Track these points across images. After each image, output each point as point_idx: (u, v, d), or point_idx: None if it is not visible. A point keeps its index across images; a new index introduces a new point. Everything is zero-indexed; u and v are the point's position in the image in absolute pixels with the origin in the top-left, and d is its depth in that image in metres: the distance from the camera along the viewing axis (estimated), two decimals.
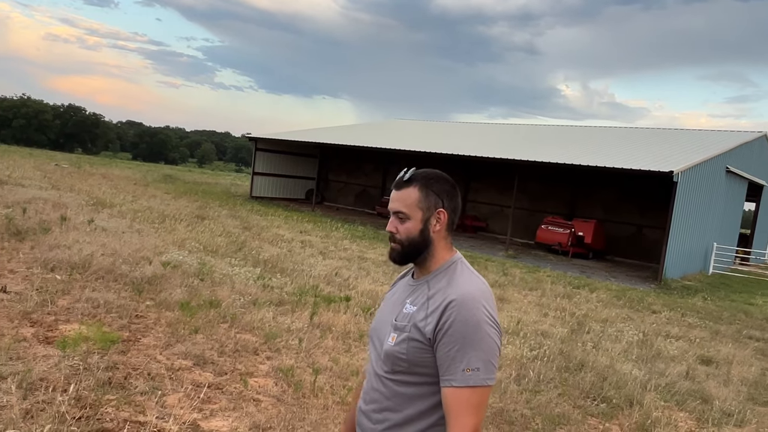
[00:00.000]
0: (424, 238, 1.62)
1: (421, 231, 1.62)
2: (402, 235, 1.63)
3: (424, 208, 1.62)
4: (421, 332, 1.53)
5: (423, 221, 1.62)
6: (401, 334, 1.56)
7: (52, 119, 75.50)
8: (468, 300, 1.50)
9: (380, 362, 1.62)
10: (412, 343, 1.54)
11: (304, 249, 11.91)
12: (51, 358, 4.26)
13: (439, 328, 1.50)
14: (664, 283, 14.73)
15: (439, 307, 1.52)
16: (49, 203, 12.11)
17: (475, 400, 1.46)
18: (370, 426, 1.63)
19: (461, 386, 1.46)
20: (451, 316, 1.49)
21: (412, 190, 1.63)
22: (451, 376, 1.47)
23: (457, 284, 1.56)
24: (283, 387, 4.51)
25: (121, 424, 3.48)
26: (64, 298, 5.83)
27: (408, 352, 1.54)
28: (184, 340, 5.13)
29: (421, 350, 1.53)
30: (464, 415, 1.45)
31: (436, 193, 1.63)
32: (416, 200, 1.62)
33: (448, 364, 1.48)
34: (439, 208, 1.63)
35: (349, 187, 29.38)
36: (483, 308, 1.50)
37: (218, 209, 17.28)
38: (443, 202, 1.64)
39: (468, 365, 1.46)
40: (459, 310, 1.49)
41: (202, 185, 28.60)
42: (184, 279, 7.26)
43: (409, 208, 1.62)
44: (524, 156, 17.90)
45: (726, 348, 8.04)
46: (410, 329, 1.55)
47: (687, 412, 5.32)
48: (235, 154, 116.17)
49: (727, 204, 20.19)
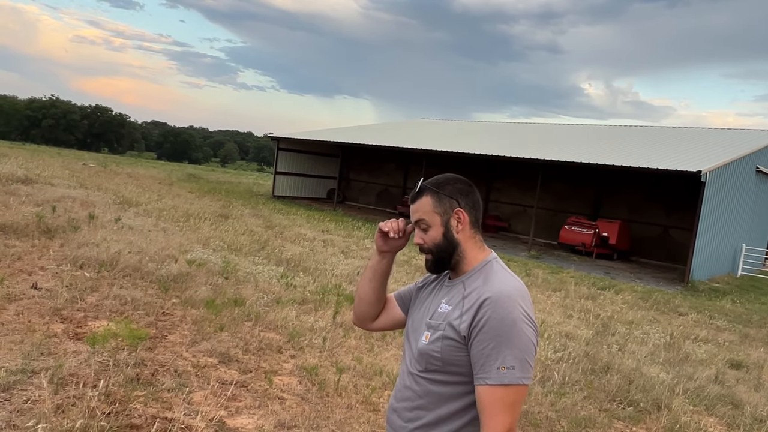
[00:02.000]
0: (450, 241, 1.63)
1: (444, 234, 1.63)
2: (429, 244, 1.65)
3: (440, 212, 1.63)
4: (456, 330, 1.52)
5: (444, 225, 1.63)
6: (435, 332, 1.56)
7: (80, 119, 77.05)
8: (504, 298, 1.49)
9: (414, 360, 1.62)
10: (446, 341, 1.53)
11: (326, 248, 11.95)
12: (81, 353, 4.34)
13: (474, 325, 1.48)
14: (691, 285, 14.44)
15: (474, 305, 1.51)
16: (77, 202, 12.35)
17: (510, 399, 1.44)
18: (400, 423, 1.63)
19: (496, 384, 1.44)
20: (486, 313, 1.47)
21: (425, 199, 1.66)
22: (485, 374, 1.46)
23: (492, 283, 1.55)
24: (307, 386, 4.53)
25: (149, 420, 3.53)
26: (93, 295, 5.93)
27: (442, 351, 1.53)
28: (210, 338, 5.19)
29: (455, 349, 1.52)
30: (498, 414, 1.43)
31: (449, 195, 1.65)
32: (431, 206, 1.64)
33: (483, 362, 1.46)
34: (456, 208, 1.64)
35: (371, 186, 29.41)
36: (519, 306, 1.49)
37: (241, 208, 17.44)
38: (458, 201, 1.64)
39: (503, 363, 1.44)
40: (494, 307, 1.47)
41: (225, 184, 28.91)
42: (209, 277, 7.34)
43: (427, 215, 1.64)
44: (547, 155, 17.71)
45: (756, 352, 7.86)
46: (444, 327, 1.54)
47: (717, 417, 5.21)
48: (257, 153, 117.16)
49: (756, 204, 19.74)
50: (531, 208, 20.40)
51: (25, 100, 77.12)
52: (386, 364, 5.22)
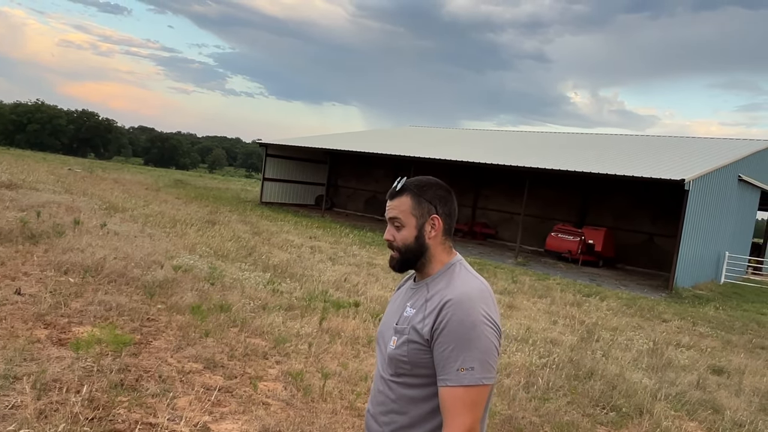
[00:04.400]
0: (420, 245, 1.64)
1: (416, 237, 1.64)
2: (399, 243, 1.66)
3: (417, 215, 1.64)
4: (419, 333, 1.54)
5: (417, 228, 1.64)
6: (401, 336, 1.58)
7: (66, 124, 76.44)
8: (464, 300, 1.51)
9: (385, 365, 1.65)
10: (411, 345, 1.55)
11: (314, 254, 11.95)
12: (64, 359, 4.31)
13: (435, 328, 1.50)
14: (675, 292, 14.61)
15: (436, 308, 1.53)
16: (62, 207, 12.25)
17: (470, 399, 1.45)
18: (377, 428, 1.65)
19: (455, 386, 1.46)
20: (447, 315, 1.49)
21: (404, 198, 1.66)
22: (446, 375, 1.48)
23: (455, 285, 1.57)
24: (292, 391, 4.53)
25: (132, 425, 3.52)
26: (77, 300, 5.89)
27: (409, 354, 1.55)
28: (195, 344, 5.18)
29: (420, 351, 1.54)
30: (459, 414, 1.45)
31: (429, 200, 1.65)
32: (409, 208, 1.64)
33: (443, 363, 1.48)
34: (432, 214, 1.65)
35: (359, 193, 29.45)
36: (480, 308, 1.50)
37: (228, 214, 17.38)
38: (436, 208, 1.66)
39: (462, 365, 1.46)
40: (455, 310, 1.49)
41: (212, 190, 28.80)
42: (195, 283, 7.32)
43: (403, 215, 1.65)
44: (535, 163, 17.87)
45: (738, 358, 7.97)
46: (409, 331, 1.56)
47: (698, 421, 5.29)
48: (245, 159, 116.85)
49: (739, 213, 20.04)
50: (518, 215, 20.54)
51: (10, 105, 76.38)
52: (371, 369, 5.24)
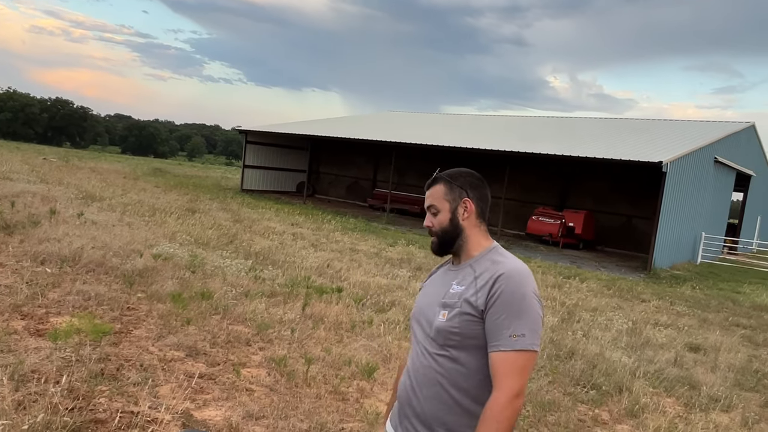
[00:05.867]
0: (455, 226, 1.78)
1: (451, 220, 1.78)
2: (436, 227, 1.80)
3: (450, 200, 1.79)
4: (473, 306, 1.64)
5: (451, 211, 1.79)
6: (452, 310, 1.67)
7: (39, 113, 74.76)
8: (515, 274, 1.64)
9: (429, 340, 1.72)
10: (464, 316, 1.65)
11: (296, 241, 11.91)
12: (42, 350, 4.25)
13: (489, 298, 1.61)
14: (653, 273, 14.87)
15: (489, 281, 1.64)
16: (37, 197, 12.02)
17: (520, 364, 1.56)
18: (422, 402, 1.71)
19: (507, 350, 1.56)
20: (500, 287, 1.61)
21: (438, 186, 1.82)
22: (498, 341, 1.58)
23: (503, 263, 1.69)
24: (275, 377, 4.53)
25: (113, 414, 3.49)
26: (55, 291, 5.80)
27: (461, 326, 1.65)
28: (176, 332, 5.14)
29: (472, 322, 1.64)
30: (509, 377, 1.55)
31: (460, 186, 1.80)
32: (442, 194, 1.80)
33: (496, 330, 1.59)
34: (464, 198, 1.79)
35: (341, 179, 29.35)
36: (529, 282, 1.65)
37: (209, 202, 17.21)
38: (467, 192, 1.80)
39: (514, 332, 1.57)
40: (507, 282, 1.61)
41: (192, 178, 28.47)
42: (176, 271, 7.25)
43: (437, 201, 1.80)
44: (515, 147, 17.95)
45: (713, 335, 8.15)
46: (461, 304, 1.66)
47: (675, 397, 5.40)
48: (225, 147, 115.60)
49: (715, 194, 20.39)
50: (499, 199, 20.64)
51: None
52: (355, 354, 5.25)
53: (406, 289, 8.46)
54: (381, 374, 4.86)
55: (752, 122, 22.77)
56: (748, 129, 22.46)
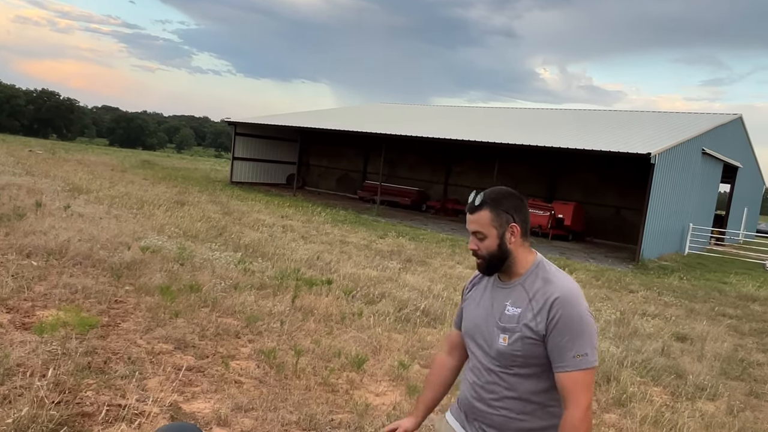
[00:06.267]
0: (503, 251, 1.83)
1: (499, 245, 1.83)
2: (483, 251, 1.85)
3: (497, 226, 1.82)
4: (533, 330, 1.74)
5: (499, 237, 1.82)
6: (513, 334, 1.77)
7: (25, 104, 73.84)
8: (569, 297, 1.74)
9: (490, 359, 1.84)
10: (525, 340, 1.75)
11: (286, 233, 11.87)
12: (28, 343, 4.20)
13: (549, 322, 1.72)
14: (641, 264, 14.99)
15: (545, 306, 1.74)
16: (23, 189, 11.88)
17: (587, 381, 1.70)
18: (495, 413, 1.84)
19: (574, 370, 1.70)
20: (558, 312, 1.71)
21: (484, 212, 1.83)
22: (563, 362, 1.71)
23: (554, 283, 1.78)
24: (265, 369, 4.51)
25: (101, 407, 3.46)
26: (41, 284, 5.74)
27: (523, 349, 1.76)
28: (165, 325, 5.10)
29: (534, 345, 1.75)
30: (580, 394, 1.69)
31: (506, 211, 1.83)
32: (489, 220, 1.82)
33: (560, 352, 1.71)
34: (511, 223, 1.83)
35: (331, 171, 29.27)
36: (582, 302, 1.75)
37: (198, 195, 17.11)
38: (514, 217, 1.83)
39: (577, 352, 1.69)
40: (564, 306, 1.72)
41: (181, 171, 28.27)
42: (164, 264, 7.20)
43: (484, 228, 1.83)
44: (505, 139, 17.97)
45: (700, 325, 8.24)
46: (521, 329, 1.76)
47: (662, 386, 5.46)
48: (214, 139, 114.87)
49: (702, 185, 20.56)
50: None
51: None
52: (345, 346, 5.25)
53: (396, 280, 8.46)
54: (371, 365, 4.87)
55: (739, 114, 22.95)
56: (736, 121, 22.64)
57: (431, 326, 6.38)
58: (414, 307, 6.83)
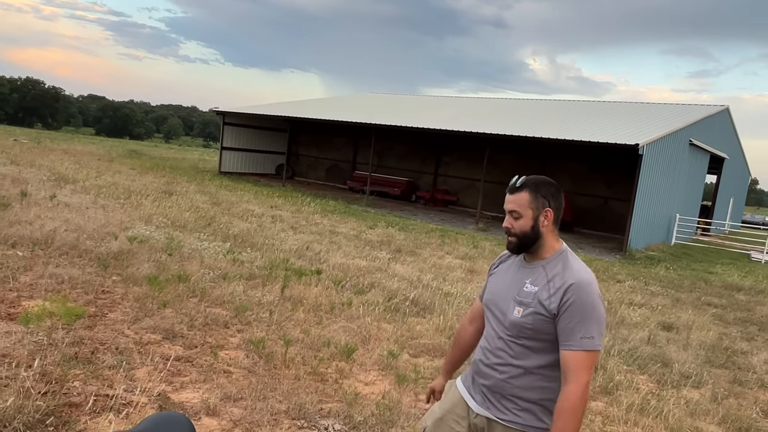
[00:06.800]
0: (535, 232, 1.99)
1: (532, 227, 1.98)
2: (516, 230, 2.00)
3: (534, 208, 1.98)
4: (546, 308, 1.90)
5: (533, 219, 1.98)
6: (527, 308, 1.94)
7: (9, 93, 72.75)
8: (584, 284, 1.88)
9: (503, 328, 2.01)
10: (537, 316, 1.91)
11: (275, 224, 11.82)
12: (14, 334, 4.16)
13: (562, 305, 1.87)
14: (628, 254, 15.13)
15: (561, 289, 1.89)
16: (8, 178, 11.73)
17: (589, 361, 1.84)
18: (497, 376, 2.02)
19: (579, 350, 1.84)
20: (572, 296, 1.86)
21: (524, 194, 1.99)
22: (570, 341, 1.86)
23: (572, 270, 1.93)
24: (254, 359, 4.51)
25: (88, 397, 3.44)
26: (27, 274, 5.68)
27: (534, 323, 1.92)
28: (153, 315, 5.08)
29: (544, 322, 1.91)
30: (580, 372, 1.83)
31: (544, 196, 1.99)
32: (527, 202, 1.98)
33: (569, 332, 1.86)
34: (546, 208, 1.99)
35: (320, 161, 29.17)
36: (595, 290, 1.90)
37: (186, 185, 16.98)
38: (549, 202, 1.99)
39: (585, 334, 1.84)
40: (578, 292, 1.87)
41: (169, 161, 28.04)
42: (152, 254, 7.15)
43: (521, 208, 1.99)
44: (494, 129, 17.99)
45: (686, 314, 8.34)
46: (535, 305, 1.92)
47: (648, 375, 5.53)
48: (202, 129, 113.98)
49: (689, 176, 20.74)
50: (478, 181, 20.73)
51: None
52: (334, 335, 5.25)
53: (386, 270, 8.47)
54: (360, 355, 4.88)
55: (726, 106, 23.13)
56: (723, 112, 22.82)
57: (420, 316, 6.40)
58: (403, 297, 6.85)
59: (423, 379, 4.56)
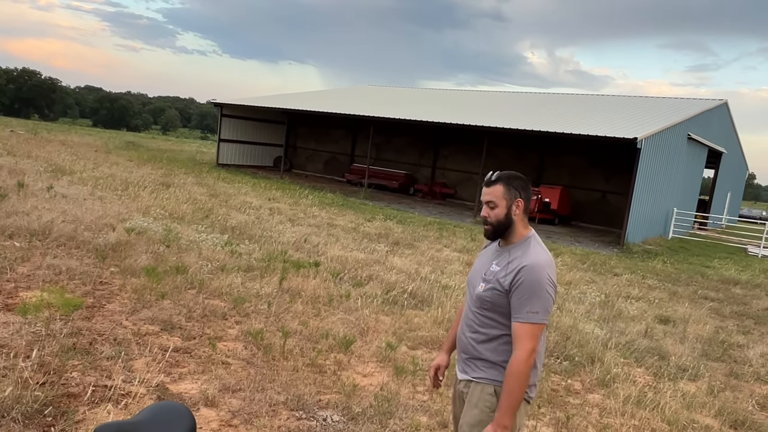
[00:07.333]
0: (508, 220, 2.29)
1: (506, 215, 2.28)
2: (492, 219, 2.30)
3: (507, 199, 2.28)
4: (501, 284, 2.22)
5: (507, 208, 2.28)
6: (488, 284, 2.26)
7: (6, 83, 72.34)
8: (535, 266, 2.17)
9: (473, 301, 2.34)
10: (494, 291, 2.23)
11: (273, 216, 11.81)
12: (11, 324, 4.16)
13: (513, 283, 2.18)
14: (626, 248, 15.15)
15: (515, 269, 2.19)
16: (5, 170, 11.69)
17: (533, 332, 2.14)
18: (465, 341, 2.36)
19: (525, 322, 2.15)
20: (522, 276, 2.16)
21: (498, 186, 2.29)
22: (518, 315, 2.16)
23: (529, 255, 2.22)
24: (252, 350, 4.51)
25: (86, 388, 3.44)
26: (24, 265, 5.67)
27: (492, 297, 2.24)
28: (151, 306, 5.07)
29: (499, 296, 2.22)
30: (525, 341, 2.14)
31: (515, 188, 2.29)
32: (502, 193, 2.28)
33: (518, 306, 2.16)
34: (518, 198, 2.28)
35: (318, 154, 29.10)
36: (546, 273, 2.17)
37: (184, 177, 16.93)
38: (520, 193, 2.29)
39: (531, 309, 2.14)
40: (528, 273, 2.16)
41: (166, 152, 27.94)
42: (150, 245, 7.14)
43: (497, 198, 2.29)
44: (492, 123, 17.95)
45: (683, 308, 8.36)
46: (494, 282, 2.24)
47: (645, 367, 5.55)
48: (200, 120, 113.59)
49: (687, 170, 20.74)
50: (476, 174, 20.73)
51: None
52: (332, 327, 5.26)
53: (384, 263, 8.47)
54: (358, 347, 4.88)
55: (725, 100, 23.11)
56: (721, 107, 22.80)
57: (418, 308, 6.40)
58: (401, 290, 6.85)
59: (421, 371, 4.57)
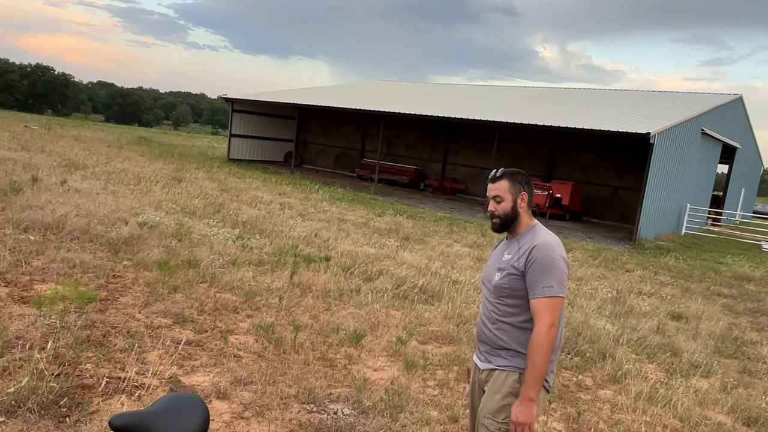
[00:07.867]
0: (515, 212, 2.41)
1: (512, 208, 2.41)
2: (500, 212, 2.42)
3: (512, 193, 2.41)
4: (516, 268, 2.32)
5: (513, 201, 2.40)
6: (503, 272, 2.37)
7: (20, 79, 73.00)
8: (546, 245, 2.31)
9: (490, 293, 2.44)
10: (511, 276, 2.33)
11: (284, 211, 11.85)
12: (27, 317, 4.21)
13: (527, 262, 2.29)
14: (638, 243, 15.04)
15: (527, 250, 2.31)
16: (19, 164, 11.82)
17: (551, 306, 2.23)
18: (488, 332, 2.44)
19: (542, 297, 2.24)
20: (535, 255, 2.28)
21: (504, 182, 2.42)
22: (535, 291, 2.26)
23: (538, 236, 2.36)
24: (263, 344, 4.54)
25: (100, 379, 3.48)
26: (39, 258, 5.74)
27: (509, 282, 2.34)
28: (163, 299, 5.12)
29: (516, 279, 2.32)
30: (544, 315, 2.23)
31: (519, 183, 2.43)
32: (507, 188, 2.42)
33: (533, 284, 2.27)
34: (522, 192, 2.42)
35: (329, 149, 29.12)
36: (556, 249, 2.30)
37: (195, 171, 17.03)
38: (524, 187, 2.43)
39: (545, 284, 2.24)
40: (539, 251, 2.29)
41: (177, 147, 28.09)
42: (162, 239, 7.19)
43: (503, 193, 2.41)
44: (503, 117, 17.86)
45: (695, 304, 8.30)
46: (509, 268, 2.35)
47: (657, 364, 5.51)
48: (211, 116, 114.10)
49: (701, 166, 20.52)
50: (487, 170, 20.63)
51: None
52: (343, 321, 5.27)
53: (394, 258, 8.48)
54: (369, 341, 4.90)
55: (740, 94, 22.81)
56: (736, 101, 22.51)
57: (429, 303, 6.41)
58: (412, 285, 6.86)
59: (431, 366, 4.58)
